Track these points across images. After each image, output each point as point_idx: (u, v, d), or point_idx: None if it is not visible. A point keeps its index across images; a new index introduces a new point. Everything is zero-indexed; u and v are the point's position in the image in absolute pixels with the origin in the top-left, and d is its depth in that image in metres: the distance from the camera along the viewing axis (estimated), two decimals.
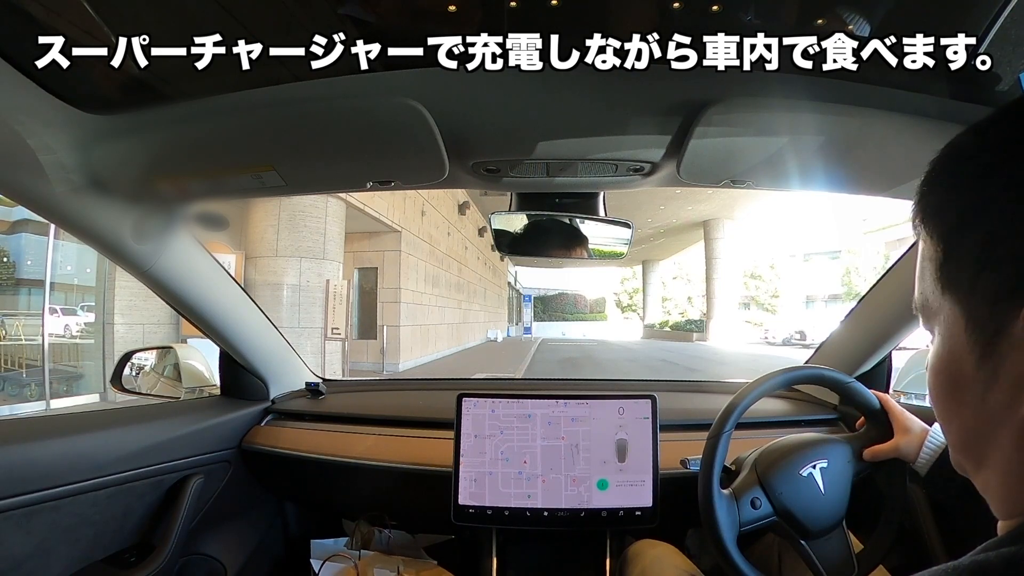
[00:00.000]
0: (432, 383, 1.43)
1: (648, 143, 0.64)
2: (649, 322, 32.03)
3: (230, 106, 0.59)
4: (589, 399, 0.94)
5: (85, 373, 6.06)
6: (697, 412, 1.06)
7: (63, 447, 0.80)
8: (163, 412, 1.03)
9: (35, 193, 0.66)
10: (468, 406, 0.94)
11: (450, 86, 0.55)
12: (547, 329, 37.55)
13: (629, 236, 0.87)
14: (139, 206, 0.76)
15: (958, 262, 0.28)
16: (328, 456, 1.04)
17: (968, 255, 0.27)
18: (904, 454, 0.74)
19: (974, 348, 0.27)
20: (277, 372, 1.18)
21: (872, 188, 0.73)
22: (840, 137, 0.61)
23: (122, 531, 0.90)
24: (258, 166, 0.69)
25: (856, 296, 2.85)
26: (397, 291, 9.50)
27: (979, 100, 0.52)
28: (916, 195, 0.32)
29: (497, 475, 0.92)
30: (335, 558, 1.04)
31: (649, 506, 0.91)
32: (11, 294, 6.34)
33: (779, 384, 0.77)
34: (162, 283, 0.88)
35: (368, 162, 0.70)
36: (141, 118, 0.61)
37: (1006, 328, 0.25)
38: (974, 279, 0.27)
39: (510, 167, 0.71)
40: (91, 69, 0.54)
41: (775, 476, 0.73)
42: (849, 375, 0.82)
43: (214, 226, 4.80)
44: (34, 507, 0.75)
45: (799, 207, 25.15)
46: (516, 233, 0.87)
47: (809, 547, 0.72)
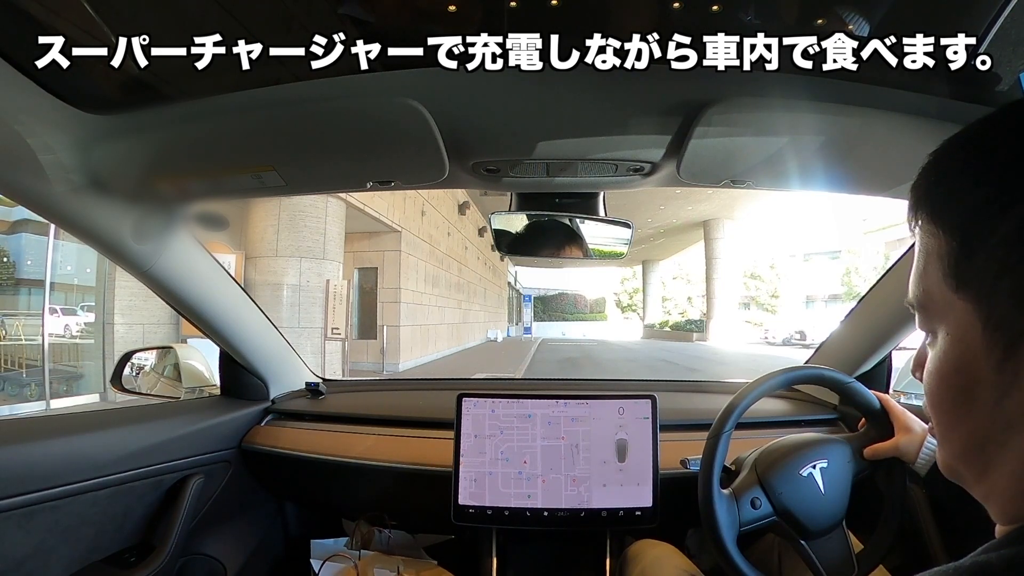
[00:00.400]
0: (432, 383, 1.43)
1: (648, 143, 0.64)
2: (649, 322, 32.04)
3: (230, 106, 0.59)
4: (589, 399, 0.94)
5: (85, 373, 6.06)
6: (697, 412, 1.06)
7: (63, 447, 0.80)
8: (163, 412, 1.03)
9: (35, 193, 0.66)
10: (468, 406, 0.94)
11: (450, 86, 0.55)
12: (547, 329, 37.56)
13: (629, 236, 0.87)
14: (139, 206, 0.76)
15: (977, 257, 0.26)
16: (328, 456, 1.04)
17: (990, 250, 0.25)
18: (904, 454, 0.74)
19: (993, 350, 0.25)
20: (277, 372, 1.18)
21: (872, 188, 0.73)
22: (840, 137, 0.61)
23: (122, 531, 0.90)
24: (258, 166, 0.69)
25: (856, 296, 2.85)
26: (397, 291, 9.50)
27: (979, 100, 0.52)
28: (917, 189, 0.30)
29: (497, 475, 0.92)
30: (335, 558, 1.04)
31: (649, 506, 0.90)
32: (11, 294, 6.34)
33: (779, 384, 0.77)
34: (162, 283, 0.88)
35: (368, 162, 0.70)
36: (141, 118, 0.61)
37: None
38: (998, 275, 0.25)
39: (510, 167, 0.71)
40: (91, 69, 0.54)
41: (775, 476, 0.73)
42: (849, 375, 0.82)
43: (214, 226, 4.80)
44: (34, 507, 0.75)
45: (799, 207, 25.20)
46: (516, 233, 0.87)
47: (809, 547, 0.72)
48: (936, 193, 0.29)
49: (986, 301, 0.26)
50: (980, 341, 0.26)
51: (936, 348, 0.29)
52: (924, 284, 0.30)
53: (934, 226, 0.28)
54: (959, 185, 0.28)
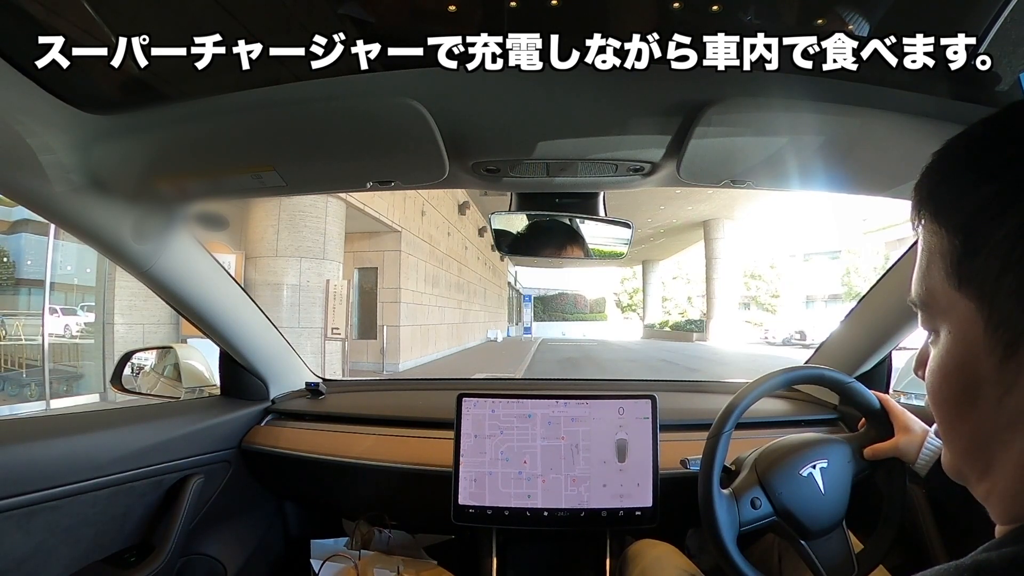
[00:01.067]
0: (432, 383, 1.43)
1: (648, 143, 0.64)
2: (649, 322, 32.03)
3: (230, 106, 0.59)
4: (589, 399, 0.94)
5: (85, 373, 6.06)
6: (697, 412, 1.06)
7: (63, 447, 0.80)
8: (163, 412, 1.03)
9: (35, 193, 0.66)
10: (468, 406, 0.94)
11: (450, 86, 0.55)
12: (547, 329, 37.54)
13: (629, 236, 0.87)
14: (139, 206, 0.76)
15: (981, 254, 0.26)
16: (328, 456, 1.04)
17: (994, 247, 0.25)
18: (904, 454, 0.74)
19: (995, 348, 0.25)
20: (277, 372, 1.18)
21: (872, 188, 0.73)
22: (840, 137, 0.61)
23: (122, 531, 0.90)
24: (258, 166, 0.69)
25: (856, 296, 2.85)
26: (397, 291, 9.50)
27: (979, 100, 0.52)
28: (920, 188, 0.30)
29: (497, 475, 0.92)
30: (335, 558, 1.04)
31: (649, 506, 0.91)
32: (11, 294, 6.34)
33: (779, 384, 0.77)
34: (162, 283, 0.88)
35: (368, 162, 0.70)
36: (141, 118, 0.61)
37: None
38: (1000, 273, 0.25)
39: (510, 167, 0.71)
40: (91, 69, 0.54)
41: (775, 476, 0.73)
42: (849, 375, 0.82)
43: (214, 226, 4.80)
44: (34, 507, 0.75)
45: (799, 207, 25.17)
46: (516, 233, 0.88)
47: (809, 547, 0.72)
48: (939, 192, 0.29)
49: (988, 299, 0.26)
50: (982, 339, 0.26)
51: (938, 347, 0.29)
52: (927, 283, 0.30)
53: (937, 225, 0.28)
54: (963, 184, 0.28)
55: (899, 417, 0.76)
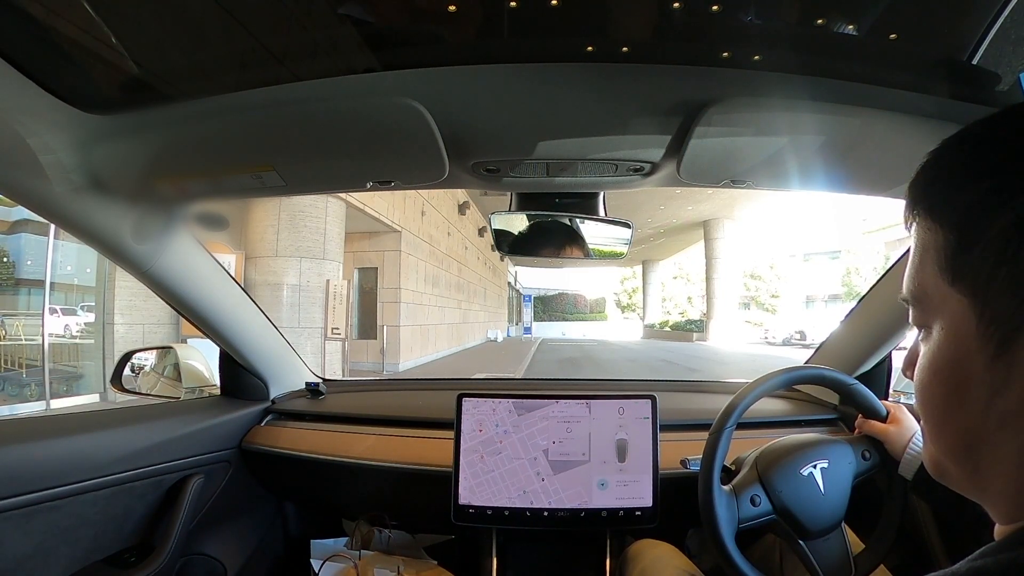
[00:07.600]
0: (432, 383, 1.43)
1: (648, 143, 0.64)
2: (649, 322, 32.01)
3: (230, 106, 0.59)
4: (589, 399, 0.94)
5: (85, 373, 6.05)
6: (697, 412, 1.06)
7: (63, 447, 0.80)
8: (163, 412, 1.03)
9: (35, 193, 0.66)
10: (468, 406, 0.94)
11: (450, 86, 0.55)
12: (547, 329, 37.55)
13: (629, 236, 0.87)
14: (139, 206, 0.76)
15: (975, 250, 0.26)
16: (328, 456, 1.04)
17: (988, 242, 0.25)
18: (891, 444, 0.76)
19: (986, 345, 0.25)
20: (277, 372, 1.18)
21: (872, 188, 0.73)
22: (840, 137, 0.61)
23: (122, 531, 0.90)
24: (258, 166, 0.69)
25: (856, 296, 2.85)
26: (397, 291, 9.50)
27: (979, 100, 0.52)
28: (915, 186, 0.30)
29: (497, 475, 0.92)
30: (335, 558, 1.04)
31: (649, 506, 0.91)
32: (11, 294, 6.33)
33: (780, 384, 0.77)
34: (162, 283, 0.88)
35: (368, 162, 0.70)
36: (141, 118, 0.61)
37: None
38: (994, 268, 0.25)
39: (510, 167, 0.71)
40: (91, 69, 0.55)
41: (775, 475, 0.73)
42: (849, 375, 0.82)
43: (214, 226, 4.80)
44: (34, 507, 0.75)
45: (799, 207, 25.17)
46: (516, 233, 0.87)
47: (807, 548, 0.72)
48: (934, 189, 0.29)
49: (982, 294, 0.26)
50: (974, 336, 0.26)
51: (929, 343, 0.29)
52: (919, 278, 0.30)
53: (931, 221, 0.29)
54: (959, 180, 0.28)
55: (893, 409, 0.79)
